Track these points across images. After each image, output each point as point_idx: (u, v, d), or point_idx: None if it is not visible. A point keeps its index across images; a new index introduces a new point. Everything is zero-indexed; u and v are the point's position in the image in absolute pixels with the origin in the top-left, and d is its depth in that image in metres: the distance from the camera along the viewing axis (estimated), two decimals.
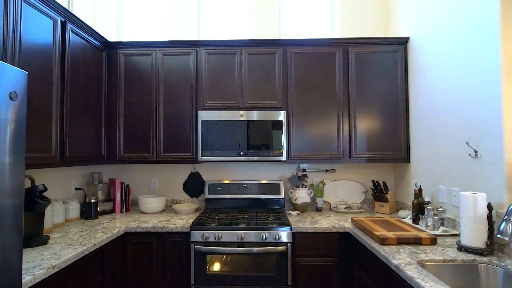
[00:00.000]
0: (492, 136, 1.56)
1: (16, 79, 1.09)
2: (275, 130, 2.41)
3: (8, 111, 1.06)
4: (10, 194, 1.07)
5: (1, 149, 1.03)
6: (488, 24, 1.58)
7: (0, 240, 1.02)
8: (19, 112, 1.11)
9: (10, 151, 1.07)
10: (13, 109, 1.08)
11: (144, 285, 2.12)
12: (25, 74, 1.14)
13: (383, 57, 2.49)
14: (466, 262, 1.42)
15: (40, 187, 1.71)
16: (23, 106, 1.13)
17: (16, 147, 1.09)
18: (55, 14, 1.89)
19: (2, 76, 1.03)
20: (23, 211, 1.15)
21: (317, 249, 2.11)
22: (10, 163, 1.07)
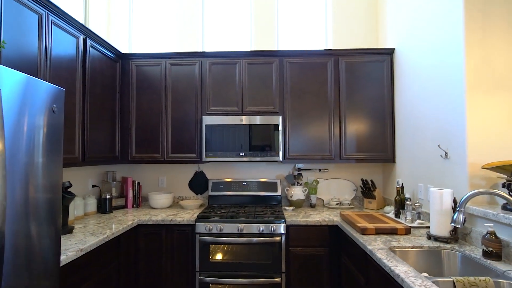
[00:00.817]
0: (458, 140, 1.79)
1: (56, 96, 1.36)
2: (272, 133, 2.66)
3: (50, 122, 1.32)
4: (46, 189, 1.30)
5: (44, 153, 1.29)
6: (455, 42, 1.81)
7: (36, 228, 1.24)
8: (58, 122, 1.37)
9: (50, 154, 1.33)
10: (54, 120, 1.34)
11: (154, 271, 2.38)
12: (63, 91, 1.41)
13: (371, 66, 2.73)
14: (431, 248, 1.66)
15: (66, 183, 1.98)
16: (61, 117, 1.39)
17: (55, 151, 1.36)
18: (78, 32, 2.16)
19: (47, 94, 1.30)
20: (61, 204, 1.42)
21: (308, 240, 2.35)
22: (47, 163, 1.32)
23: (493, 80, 1.70)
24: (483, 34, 1.72)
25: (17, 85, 1.13)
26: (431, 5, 2.08)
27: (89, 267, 1.78)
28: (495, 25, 1.71)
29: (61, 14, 1.95)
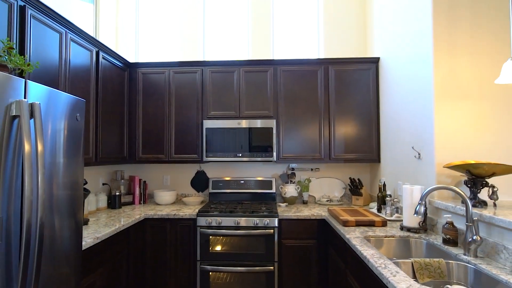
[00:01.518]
0: (428, 142, 2.03)
1: (79, 106, 1.61)
2: (267, 135, 2.90)
3: (74, 128, 1.57)
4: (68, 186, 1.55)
5: (68, 154, 1.55)
6: (426, 56, 2.05)
7: (58, 221, 1.48)
8: (80, 128, 1.63)
9: (73, 155, 1.58)
10: (77, 126, 1.60)
11: (160, 260, 2.64)
12: (84, 102, 1.66)
13: (358, 73, 2.96)
14: (402, 238, 1.89)
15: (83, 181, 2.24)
16: (82, 123, 1.65)
17: (77, 153, 1.61)
18: (92, 46, 2.42)
19: (72, 104, 1.55)
20: (82, 200, 1.67)
21: (299, 232, 2.60)
22: (70, 164, 1.58)
23: (458, 90, 1.94)
24: (450, 50, 1.95)
25: (50, 98, 1.39)
26: (407, 22, 2.32)
27: (103, 254, 2.04)
28: (460, 42, 1.94)
29: (78, 31, 2.21)
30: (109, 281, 2.10)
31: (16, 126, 1.19)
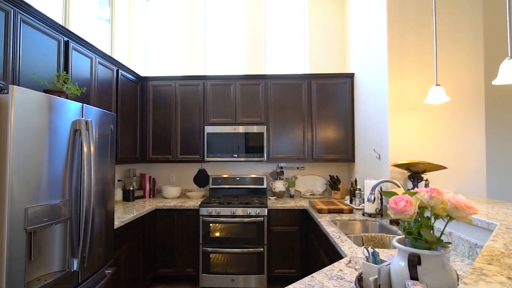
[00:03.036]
0: (385, 146, 2.55)
1: (112, 119, 2.13)
2: (259, 139, 3.42)
3: (109, 136, 2.09)
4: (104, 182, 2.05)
5: (106, 156, 2.06)
6: (383, 75, 2.57)
7: (98, 207, 1.98)
8: (113, 136, 2.14)
9: (108, 157, 2.09)
10: (111, 135, 2.11)
11: (168, 243, 3.15)
12: (115, 115, 2.17)
13: (336, 87, 3.49)
14: (362, 221, 2.42)
15: None
16: (114, 131, 2.16)
17: (111, 155, 2.12)
18: (113, 66, 2.93)
19: (108, 119, 2.06)
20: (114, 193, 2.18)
21: (285, 220, 3.12)
22: (107, 163, 2.09)
23: (406, 104, 2.46)
24: (400, 73, 2.48)
25: (96, 114, 1.90)
26: (371, 46, 2.85)
27: (126, 234, 2.55)
28: (407, 68, 2.47)
29: (103, 55, 2.72)
30: (130, 256, 2.62)
31: (78, 136, 1.70)
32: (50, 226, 1.52)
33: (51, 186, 1.52)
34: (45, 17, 1.97)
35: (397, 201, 0.96)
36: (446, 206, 0.94)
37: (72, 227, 1.68)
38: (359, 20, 3.26)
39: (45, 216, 1.46)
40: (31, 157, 1.40)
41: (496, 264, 0.81)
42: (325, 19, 3.87)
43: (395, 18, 2.49)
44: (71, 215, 1.66)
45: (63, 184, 1.60)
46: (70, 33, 2.24)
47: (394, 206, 0.96)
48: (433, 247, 0.96)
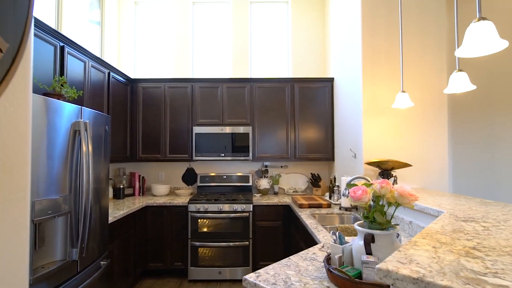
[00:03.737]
0: (360, 145, 2.80)
1: (107, 120, 2.27)
2: (245, 139, 3.62)
3: (104, 137, 2.23)
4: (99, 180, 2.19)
5: (101, 155, 2.20)
6: (358, 82, 2.82)
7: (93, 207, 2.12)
8: (107, 136, 2.28)
9: (103, 156, 2.23)
10: (105, 135, 2.25)
11: (159, 238, 3.30)
12: (109, 117, 2.31)
13: (317, 90, 3.72)
14: (338, 214, 2.66)
15: None
16: (108, 132, 2.30)
17: (106, 154, 2.26)
18: (105, 69, 3.05)
19: (103, 120, 2.21)
20: (108, 190, 2.32)
21: (269, 215, 3.33)
22: (102, 162, 2.23)
23: (377, 109, 2.72)
24: (372, 81, 2.73)
25: (93, 116, 2.04)
26: (348, 54, 3.09)
27: (118, 230, 2.69)
28: (378, 76, 2.72)
29: (96, 59, 2.85)
30: (122, 250, 2.76)
31: (77, 136, 1.84)
32: (53, 219, 1.66)
33: (53, 182, 1.66)
34: (44, 25, 2.09)
35: (355, 190, 1.18)
36: (394, 195, 1.17)
37: (72, 220, 1.82)
38: (338, 29, 3.51)
39: (49, 209, 1.60)
40: (35, 155, 1.54)
41: (428, 239, 1.04)
42: (307, 27, 4.11)
43: (369, 30, 2.73)
44: (70, 209, 1.81)
45: (63, 180, 1.75)
46: (65, 38, 2.36)
47: (353, 195, 1.18)
48: (384, 228, 1.18)
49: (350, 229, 2.26)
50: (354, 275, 1.13)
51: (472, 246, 0.94)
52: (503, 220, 1.30)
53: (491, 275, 0.72)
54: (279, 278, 1.24)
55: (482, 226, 1.21)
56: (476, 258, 0.84)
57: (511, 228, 1.16)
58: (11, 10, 0.51)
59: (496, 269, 0.75)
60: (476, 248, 0.93)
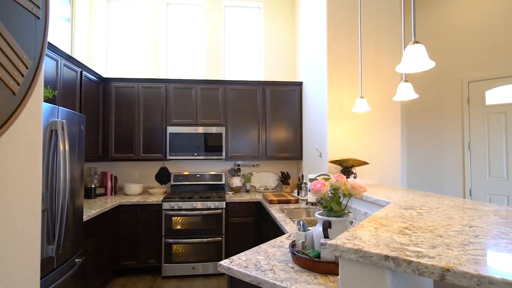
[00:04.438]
0: (325, 145, 3.05)
1: (82, 120, 2.30)
2: (218, 139, 3.75)
3: (78, 135, 2.26)
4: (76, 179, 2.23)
5: (76, 155, 2.23)
6: (323, 87, 3.07)
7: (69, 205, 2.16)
8: (82, 135, 2.32)
9: (78, 156, 2.27)
10: (81, 134, 2.29)
11: (132, 236, 3.34)
12: (84, 116, 2.35)
13: (287, 93, 3.95)
14: (305, 209, 2.88)
15: None
16: (83, 131, 2.34)
17: (81, 154, 2.30)
18: (77, 67, 3.04)
19: (80, 119, 2.24)
20: (83, 189, 2.35)
21: (241, 212, 3.49)
22: (78, 162, 2.26)
23: (341, 112, 2.98)
24: (336, 86, 2.99)
25: (68, 116, 2.08)
26: (315, 59, 3.34)
27: (92, 228, 2.71)
28: (342, 82, 2.99)
29: (68, 57, 2.84)
30: (95, 249, 2.78)
31: (53, 135, 1.89)
32: None
33: None
34: None
35: (316, 184, 1.38)
36: (347, 187, 1.38)
37: (48, 218, 1.86)
38: (306, 36, 3.75)
39: None
40: None
41: (372, 222, 1.25)
42: (278, 32, 4.33)
43: (333, 39, 2.99)
44: (47, 207, 1.85)
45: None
46: None
47: (313, 187, 1.38)
48: (339, 215, 1.39)
49: (314, 221, 2.48)
50: (314, 256, 1.33)
51: (405, 227, 1.17)
52: (435, 208, 1.56)
53: (413, 245, 0.94)
54: (250, 262, 1.41)
55: (418, 212, 1.46)
56: (405, 234, 1.06)
57: (439, 213, 1.42)
58: (33, 34, 0.61)
59: (417, 241, 0.98)
60: (407, 228, 1.16)
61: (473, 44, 3.56)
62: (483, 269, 0.74)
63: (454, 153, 3.64)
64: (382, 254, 0.86)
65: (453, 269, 0.75)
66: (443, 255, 0.84)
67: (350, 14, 3.00)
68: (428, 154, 3.82)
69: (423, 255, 0.84)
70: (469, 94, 3.53)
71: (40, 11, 0.67)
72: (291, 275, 1.26)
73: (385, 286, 0.88)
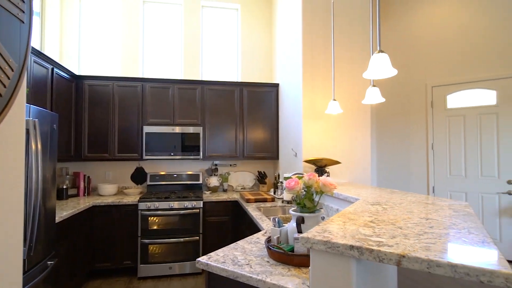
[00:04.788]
0: (300, 145, 3.16)
1: (54, 118, 2.25)
2: (196, 139, 3.76)
3: (51, 134, 2.21)
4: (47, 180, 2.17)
5: (48, 154, 2.18)
6: (299, 90, 3.18)
7: (41, 207, 2.11)
8: (55, 134, 2.26)
9: (50, 155, 2.21)
10: (53, 133, 2.23)
11: (107, 238, 3.27)
12: (57, 115, 2.29)
13: (264, 94, 4.03)
14: (281, 207, 2.98)
15: None
16: (56, 130, 2.28)
17: (54, 153, 2.24)
18: (49, 64, 2.94)
19: (52, 118, 2.19)
20: (55, 190, 2.29)
21: (218, 211, 3.53)
22: (50, 162, 2.21)
23: (315, 113, 3.10)
24: (311, 89, 3.11)
25: (40, 114, 2.03)
26: (291, 61, 3.45)
27: (65, 230, 2.64)
28: (316, 85, 3.11)
29: (38, 53, 2.74)
30: (68, 251, 2.71)
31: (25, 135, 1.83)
32: None
33: None
34: None
35: (290, 182, 1.46)
36: (319, 184, 1.48)
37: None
38: (282, 39, 3.86)
39: None
40: None
41: (341, 217, 1.35)
42: (256, 34, 4.40)
43: (308, 47, 3.11)
44: None
45: None
46: None
47: (288, 185, 1.46)
48: (312, 211, 1.49)
49: (290, 218, 2.57)
50: (288, 250, 1.41)
51: (370, 220, 1.28)
52: (398, 203, 1.70)
53: (375, 236, 1.04)
54: (228, 258, 1.47)
55: (383, 207, 1.58)
56: (369, 227, 1.16)
57: (402, 208, 1.55)
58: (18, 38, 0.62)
59: (379, 233, 1.08)
60: (372, 221, 1.27)
61: (436, 52, 3.83)
62: (433, 254, 0.85)
63: (419, 153, 3.90)
64: (347, 244, 0.95)
65: (407, 255, 0.85)
66: (400, 244, 0.95)
67: (324, 21, 3.13)
68: (397, 154, 4.06)
69: (383, 244, 0.94)
70: (433, 98, 3.80)
71: (24, 16, 0.69)
72: (266, 268, 1.34)
73: (350, 273, 0.97)
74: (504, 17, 3.44)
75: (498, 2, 3.48)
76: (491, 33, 3.51)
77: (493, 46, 3.50)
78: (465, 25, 3.65)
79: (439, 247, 0.92)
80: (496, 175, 3.39)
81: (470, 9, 3.63)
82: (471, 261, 0.80)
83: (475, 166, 3.51)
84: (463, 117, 3.59)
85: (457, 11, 3.72)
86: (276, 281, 1.20)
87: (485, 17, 3.55)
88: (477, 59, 3.58)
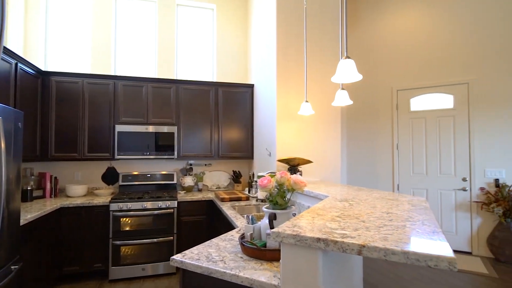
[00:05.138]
0: (274, 145, 3.24)
1: (19, 116, 2.15)
2: (170, 138, 3.73)
3: (15, 133, 2.11)
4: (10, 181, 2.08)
5: (9, 155, 2.08)
6: (273, 92, 3.26)
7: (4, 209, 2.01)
8: (20, 133, 2.17)
9: (14, 155, 2.12)
10: (18, 132, 2.14)
11: (76, 240, 3.16)
12: (22, 113, 2.20)
13: (239, 94, 4.08)
14: (255, 205, 3.04)
15: None
16: (21, 129, 2.19)
17: (18, 152, 2.15)
18: (12, 59, 2.80)
19: (17, 116, 2.09)
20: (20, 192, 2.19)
21: (193, 211, 3.53)
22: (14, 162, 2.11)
23: (288, 115, 3.20)
24: (285, 92, 3.20)
25: (4, 111, 1.94)
26: (266, 63, 3.52)
27: (30, 233, 2.53)
28: (290, 88, 3.21)
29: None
30: (34, 255, 2.60)
31: None
32: None
33: None
34: None
35: (263, 180, 1.53)
36: (291, 182, 1.55)
37: None
38: (258, 41, 3.93)
39: None
40: None
41: (311, 213, 1.44)
42: (231, 34, 4.44)
43: (282, 51, 3.20)
44: None
45: None
46: None
47: (261, 183, 1.52)
48: (283, 208, 1.56)
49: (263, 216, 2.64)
50: (261, 245, 1.47)
51: (337, 215, 1.37)
52: (364, 200, 1.82)
53: (340, 229, 1.13)
54: (202, 255, 1.50)
55: (349, 203, 1.69)
56: (336, 221, 1.25)
57: (366, 204, 1.67)
58: None
59: (344, 226, 1.17)
60: (339, 216, 1.36)
61: (401, 58, 4.08)
62: (389, 244, 0.95)
63: (385, 153, 4.13)
64: (315, 237, 1.03)
65: (367, 245, 0.94)
66: (362, 236, 1.04)
67: (298, 26, 3.24)
68: (365, 153, 4.27)
69: (347, 236, 1.03)
70: (398, 101, 4.04)
71: None
72: (240, 263, 1.39)
73: (316, 264, 1.05)
74: (463, 28, 3.74)
75: (459, 13, 3.78)
76: (451, 42, 3.80)
77: (452, 53, 3.79)
78: (428, 34, 3.92)
79: (395, 237, 1.02)
80: (453, 173, 3.68)
81: (434, 19, 3.91)
82: (421, 249, 0.90)
83: (435, 165, 3.78)
84: (424, 119, 3.85)
85: (421, 20, 3.98)
86: (249, 275, 1.25)
87: (447, 27, 3.84)
88: (438, 65, 3.86)
